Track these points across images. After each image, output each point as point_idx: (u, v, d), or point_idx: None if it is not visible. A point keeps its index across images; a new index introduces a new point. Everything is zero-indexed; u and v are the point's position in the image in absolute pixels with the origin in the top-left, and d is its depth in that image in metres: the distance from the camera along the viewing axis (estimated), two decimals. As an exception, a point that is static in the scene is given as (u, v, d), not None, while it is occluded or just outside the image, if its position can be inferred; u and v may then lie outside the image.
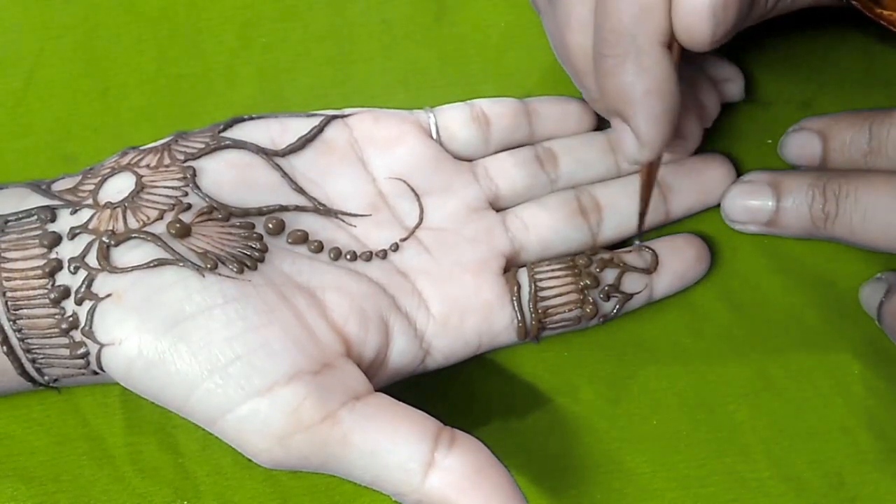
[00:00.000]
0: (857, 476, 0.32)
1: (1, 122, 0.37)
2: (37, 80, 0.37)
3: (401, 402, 0.28)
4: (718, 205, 0.34)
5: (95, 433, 0.32)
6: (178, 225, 0.28)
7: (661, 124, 0.27)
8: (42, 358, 0.29)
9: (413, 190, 0.33)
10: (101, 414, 0.33)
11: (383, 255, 0.31)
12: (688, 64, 0.31)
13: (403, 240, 0.32)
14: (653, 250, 0.33)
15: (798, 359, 0.33)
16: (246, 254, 0.29)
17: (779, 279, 0.34)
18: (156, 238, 0.28)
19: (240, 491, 0.32)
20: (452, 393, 0.33)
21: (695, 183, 0.34)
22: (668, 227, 0.35)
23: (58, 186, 0.30)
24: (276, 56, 0.38)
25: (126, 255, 0.28)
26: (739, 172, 0.35)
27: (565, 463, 0.32)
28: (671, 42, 0.27)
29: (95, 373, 0.28)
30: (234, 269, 0.28)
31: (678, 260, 0.33)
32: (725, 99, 0.35)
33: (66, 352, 0.28)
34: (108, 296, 0.27)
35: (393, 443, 0.26)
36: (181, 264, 0.27)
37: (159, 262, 0.27)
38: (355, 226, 0.32)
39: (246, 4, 0.39)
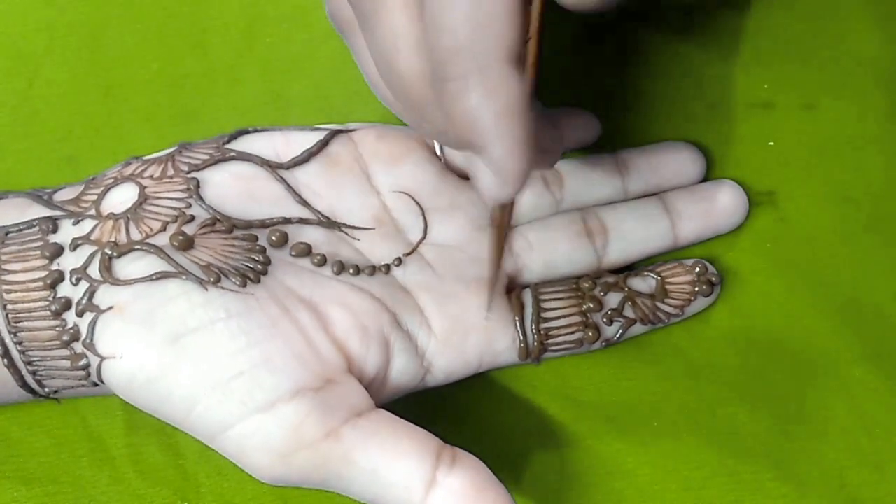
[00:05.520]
0: (857, 478, 0.31)
1: (4, 122, 0.36)
2: (40, 80, 0.36)
3: (402, 419, 0.27)
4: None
5: (96, 434, 0.31)
6: (180, 237, 0.27)
7: (519, 152, 0.22)
8: (43, 370, 0.28)
9: (418, 204, 0.31)
10: (101, 415, 0.31)
11: (386, 269, 0.30)
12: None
13: (407, 255, 0.31)
14: (660, 277, 0.32)
15: (798, 362, 0.32)
16: (249, 266, 0.28)
17: (779, 282, 0.33)
18: (159, 250, 0.27)
19: (240, 492, 0.31)
20: (451, 393, 0.32)
21: (704, 209, 0.33)
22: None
23: (59, 196, 0.29)
24: (280, 56, 0.37)
25: (128, 266, 0.27)
26: (741, 175, 0.34)
27: (566, 464, 0.31)
28: (520, 57, 0.22)
29: (95, 384, 0.27)
30: (237, 283, 0.27)
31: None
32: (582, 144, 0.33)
33: (66, 363, 0.27)
34: (110, 308, 0.26)
35: (395, 461, 0.25)
36: (184, 277, 0.26)
37: (162, 275, 0.26)
38: (359, 239, 0.30)
39: (250, 4, 0.38)
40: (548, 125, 0.27)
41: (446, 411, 0.31)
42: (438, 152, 0.32)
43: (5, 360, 0.27)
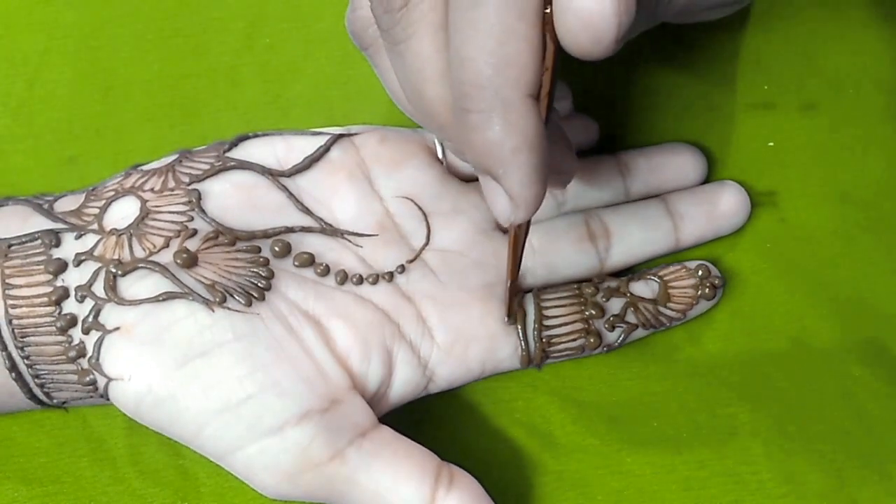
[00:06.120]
0: (857, 478, 0.31)
1: (4, 123, 0.35)
2: (40, 81, 0.36)
3: (403, 437, 0.27)
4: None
5: (96, 434, 0.31)
6: (184, 255, 0.27)
7: (534, 182, 0.23)
8: (50, 383, 0.28)
9: (421, 209, 0.31)
10: (102, 415, 0.31)
11: (389, 277, 0.30)
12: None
13: (410, 261, 0.30)
14: (662, 280, 0.32)
15: (798, 362, 0.32)
16: (253, 283, 0.28)
17: (780, 283, 0.33)
18: (163, 269, 0.27)
19: (240, 493, 0.31)
20: (450, 393, 0.31)
21: (707, 211, 0.33)
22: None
23: (60, 206, 0.29)
24: (280, 56, 0.37)
25: (133, 285, 0.27)
26: (741, 175, 0.34)
27: (566, 464, 0.31)
28: (538, 93, 0.23)
29: (103, 396, 0.27)
30: (243, 302, 0.27)
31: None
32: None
33: (74, 377, 0.27)
34: (117, 329, 0.26)
35: (396, 482, 0.26)
36: (190, 298, 0.26)
37: (168, 296, 0.26)
38: (362, 246, 0.30)
39: (250, 4, 0.37)
40: (563, 148, 0.28)
41: (446, 412, 0.31)
42: (440, 156, 0.32)
43: (13, 374, 0.27)
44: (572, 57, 0.22)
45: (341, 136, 0.31)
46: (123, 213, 0.29)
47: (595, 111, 0.34)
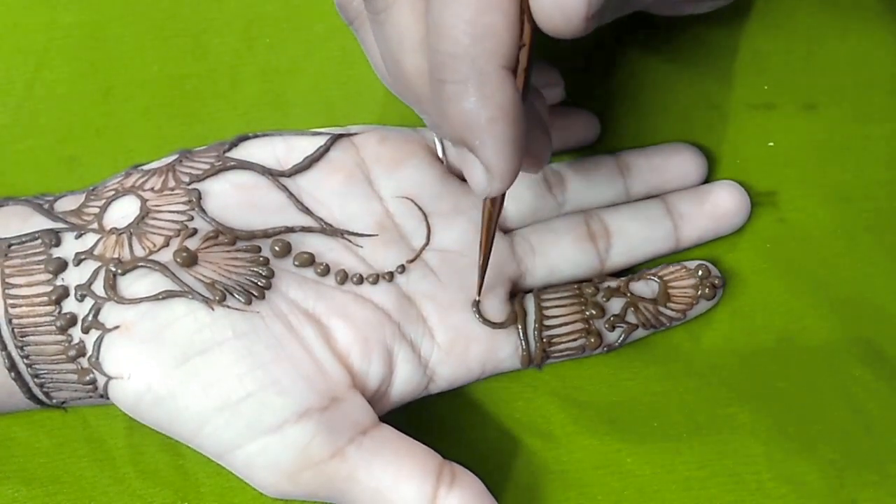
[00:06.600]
0: (857, 479, 0.31)
1: (4, 123, 0.35)
2: (40, 81, 0.36)
3: (404, 436, 0.27)
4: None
5: (97, 435, 0.31)
6: (184, 254, 0.27)
7: (511, 153, 0.23)
8: (50, 383, 0.28)
9: (421, 209, 0.31)
10: (102, 415, 0.31)
11: (390, 277, 0.30)
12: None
13: (410, 261, 0.30)
14: (662, 280, 0.31)
15: (798, 362, 0.32)
16: (253, 282, 0.28)
17: (779, 283, 0.33)
18: (163, 267, 0.27)
19: (241, 493, 0.31)
20: (451, 393, 0.31)
21: (707, 212, 0.33)
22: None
23: (61, 206, 0.29)
24: (280, 56, 0.37)
25: (133, 284, 0.27)
26: (741, 175, 0.34)
27: (566, 464, 0.31)
28: (515, 66, 0.23)
29: (103, 396, 0.27)
30: (242, 300, 0.27)
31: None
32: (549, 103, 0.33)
33: (73, 377, 0.27)
34: (116, 327, 0.26)
35: (397, 481, 0.26)
36: (190, 296, 0.26)
37: (168, 294, 0.26)
38: (362, 246, 0.30)
39: (250, 5, 0.37)
40: (539, 132, 0.28)
41: (446, 412, 0.31)
42: (441, 155, 0.32)
43: (12, 373, 0.27)
44: (569, 52, 0.22)
45: (341, 136, 0.31)
46: (123, 212, 0.29)
47: (595, 111, 0.34)
